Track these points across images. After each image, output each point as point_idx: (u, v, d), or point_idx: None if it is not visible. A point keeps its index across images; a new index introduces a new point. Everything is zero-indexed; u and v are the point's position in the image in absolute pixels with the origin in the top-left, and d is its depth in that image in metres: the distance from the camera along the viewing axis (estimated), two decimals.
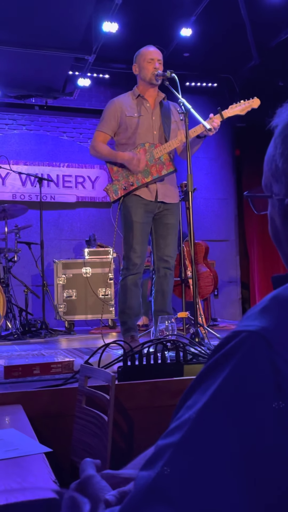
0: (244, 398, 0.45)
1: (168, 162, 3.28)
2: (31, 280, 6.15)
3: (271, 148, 0.65)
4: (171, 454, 0.46)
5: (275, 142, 0.64)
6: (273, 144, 0.65)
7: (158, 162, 3.26)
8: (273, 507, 0.43)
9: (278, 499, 0.44)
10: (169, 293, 3.40)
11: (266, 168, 0.66)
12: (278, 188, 0.63)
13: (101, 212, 6.77)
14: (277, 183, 0.63)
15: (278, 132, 0.64)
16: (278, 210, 0.64)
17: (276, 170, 0.63)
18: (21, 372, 2.17)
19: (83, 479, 0.74)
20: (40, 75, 5.79)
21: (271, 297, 0.52)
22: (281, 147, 0.62)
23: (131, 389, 1.96)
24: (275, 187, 0.64)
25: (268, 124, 0.67)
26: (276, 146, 0.64)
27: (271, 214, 0.67)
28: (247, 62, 6.33)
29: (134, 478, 0.49)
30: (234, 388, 0.46)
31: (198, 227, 6.57)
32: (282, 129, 0.63)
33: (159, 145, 3.27)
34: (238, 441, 0.44)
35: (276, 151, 0.63)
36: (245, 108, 3.27)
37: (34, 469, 1.02)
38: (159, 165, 3.26)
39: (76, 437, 1.67)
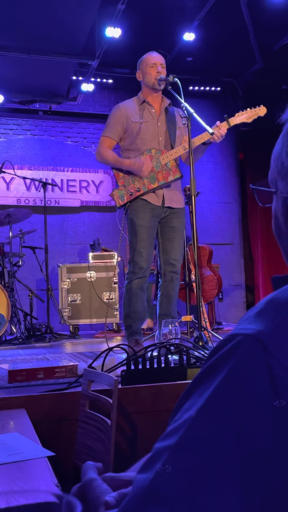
0: (240, 401, 0.46)
1: (175, 168, 3.29)
2: (35, 285, 6.17)
3: (279, 145, 0.65)
4: (168, 456, 0.46)
5: (283, 140, 0.64)
6: (281, 141, 0.65)
7: (164, 168, 3.27)
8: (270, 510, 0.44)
9: (277, 502, 0.44)
10: (174, 297, 3.40)
11: (273, 164, 0.67)
12: (283, 186, 0.63)
13: (105, 216, 6.78)
14: (282, 180, 0.63)
15: (286, 129, 0.64)
16: (282, 208, 0.64)
17: (282, 168, 0.63)
18: (25, 376, 2.18)
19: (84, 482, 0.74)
20: (43, 80, 5.83)
21: (267, 300, 0.53)
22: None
23: (135, 393, 1.96)
24: (280, 184, 0.64)
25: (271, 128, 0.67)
26: (283, 144, 0.64)
27: (275, 209, 0.67)
28: (251, 66, 6.34)
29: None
30: (230, 391, 0.46)
31: (203, 231, 6.58)
32: None
33: (166, 151, 3.28)
34: (234, 443, 0.45)
35: (283, 149, 0.63)
36: (251, 116, 3.28)
37: (36, 473, 1.02)
38: (166, 171, 3.27)
39: (79, 441, 1.67)
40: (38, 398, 1.84)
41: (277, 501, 0.44)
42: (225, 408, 0.46)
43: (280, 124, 0.66)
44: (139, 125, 3.31)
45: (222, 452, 0.44)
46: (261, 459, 0.44)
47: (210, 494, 0.43)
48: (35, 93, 6.10)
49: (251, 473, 0.44)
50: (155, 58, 3.34)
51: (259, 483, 0.44)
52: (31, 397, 1.83)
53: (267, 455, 0.44)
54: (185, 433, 0.46)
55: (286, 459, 0.44)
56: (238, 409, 0.45)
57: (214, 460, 0.44)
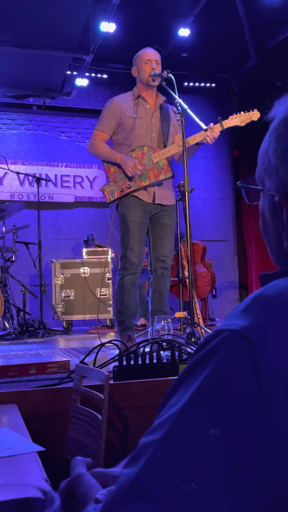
0: (225, 396, 0.46)
1: (166, 167, 3.28)
2: (29, 280, 6.16)
3: (266, 143, 0.65)
4: (153, 451, 0.46)
5: (270, 137, 0.64)
6: (268, 138, 0.65)
7: (156, 166, 3.27)
8: (256, 505, 0.44)
9: (261, 497, 0.44)
10: (166, 293, 3.41)
11: (260, 161, 0.67)
12: (269, 183, 0.63)
13: (99, 212, 6.77)
14: (269, 178, 0.63)
15: (273, 127, 0.64)
16: (269, 205, 0.65)
17: (268, 166, 0.63)
18: (17, 371, 2.17)
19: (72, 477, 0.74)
20: (38, 75, 5.80)
21: (254, 297, 0.53)
22: (275, 143, 0.62)
23: (127, 389, 1.97)
24: (267, 182, 0.64)
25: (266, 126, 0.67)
26: (270, 142, 0.64)
27: (262, 207, 0.67)
28: (245, 63, 6.34)
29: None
30: (215, 386, 0.46)
31: (196, 227, 6.59)
32: (277, 125, 0.63)
33: (158, 149, 3.28)
34: (219, 438, 0.45)
35: (270, 146, 0.63)
36: (245, 119, 3.29)
37: (26, 468, 1.02)
38: (157, 170, 3.27)
39: (71, 436, 1.67)
40: (30, 393, 1.84)
41: (262, 494, 0.44)
42: (210, 402, 0.46)
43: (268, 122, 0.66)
44: (133, 120, 3.31)
45: (207, 446, 0.45)
46: (246, 453, 0.44)
47: (195, 488, 0.44)
48: (29, 87, 6.07)
49: (236, 467, 0.44)
50: (150, 54, 3.33)
51: (245, 477, 0.44)
52: (23, 393, 1.83)
53: (252, 449, 0.44)
54: (170, 428, 0.46)
55: (270, 453, 0.44)
56: (223, 404, 0.46)
57: (199, 455, 0.45)
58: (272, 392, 0.45)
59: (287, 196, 0.60)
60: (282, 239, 0.63)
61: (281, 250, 0.64)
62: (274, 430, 0.44)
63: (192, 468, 0.44)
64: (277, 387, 0.45)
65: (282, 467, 0.44)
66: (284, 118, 0.62)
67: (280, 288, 0.53)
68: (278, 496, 0.44)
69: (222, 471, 0.44)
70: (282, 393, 0.45)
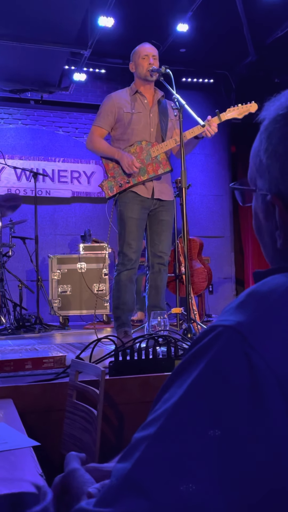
0: (218, 391, 0.46)
1: (165, 161, 3.28)
2: (25, 275, 6.15)
3: (257, 143, 0.65)
4: (146, 446, 0.46)
5: (261, 137, 0.64)
6: (259, 138, 0.65)
7: (154, 161, 3.26)
8: (249, 500, 0.44)
9: (255, 492, 0.44)
10: (162, 288, 3.41)
11: (251, 162, 0.67)
12: (261, 183, 0.64)
13: (96, 207, 6.76)
14: (261, 178, 0.64)
15: (263, 127, 0.64)
16: (261, 205, 0.65)
17: (260, 166, 0.64)
18: (13, 366, 2.17)
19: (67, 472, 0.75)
20: (35, 69, 5.78)
21: (248, 293, 0.53)
22: (266, 143, 0.62)
23: (122, 384, 1.97)
24: (259, 182, 0.64)
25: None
26: (261, 141, 0.64)
27: (255, 208, 0.67)
28: (244, 59, 6.33)
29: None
30: (209, 381, 0.47)
31: (194, 224, 6.59)
32: (267, 124, 0.63)
33: (156, 144, 3.27)
34: (212, 434, 0.45)
35: (261, 146, 0.63)
36: (242, 112, 3.28)
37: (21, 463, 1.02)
38: (156, 164, 3.27)
39: (66, 431, 1.67)
40: (25, 388, 1.84)
41: (255, 489, 0.44)
42: (203, 398, 0.46)
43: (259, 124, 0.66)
44: (131, 115, 3.30)
45: (200, 442, 0.45)
46: (239, 448, 0.44)
47: (188, 483, 0.44)
48: (26, 82, 6.05)
49: (229, 462, 0.44)
50: (147, 50, 3.32)
51: (238, 472, 0.44)
52: (18, 387, 1.83)
53: (245, 444, 0.44)
54: (163, 423, 0.47)
55: (263, 447, 0.44)
56: (217, 399, 0.46)
57: (192, 450, 0.45)
58: (266, 388, 0.45)
59: (279, 195, 0.61)
60: (276, 237, 0.63)
61: (275, 248, 0.64)
62: (267, 425, 0.45)
63: (185, 463, 0.44)
64: (271, 383, 0.45)
65: (274, 461, 0.44)
66: (274, 117, 0.62)
67: (274, 284, 0.53)
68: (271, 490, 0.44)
69: (215, 466, 0.44)
70: (276, 389, 0.45)
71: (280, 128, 0.60)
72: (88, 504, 0.47)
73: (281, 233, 0.62)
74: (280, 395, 0.45)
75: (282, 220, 0.61)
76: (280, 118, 0.61)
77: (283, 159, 0.59)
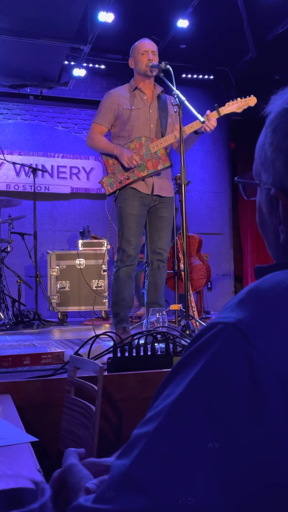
0: (218, 389, 0.46)
1: (164, 157, 3.27)
2: (24, 271, 6.15)
3: (262, 136, 0.65)
4: (145, 443, 0.46)
5: (266, 131, 0.64)
6: (264, 132, 0.65)
7: (154, 156, 3.26)
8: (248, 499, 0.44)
9: (253, 490, 0.44)
10: (161, 285, 3.41)
11: (256, 156, 0.67)
12: (266, 177, 0.63)
13: (95, 203, 6.75)
14: (266, 172, 0.63)
15: (269, 120, 0.64)
16: (265, 199, 0.64)
17: (265, 159, 0.63)
18: (11, 362, 2.17)
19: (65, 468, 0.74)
20: (35, 64, 5.76)
21: (248, 290, 0.53)
22: (271, 136, 0.62)
23: (121, 380, 1.97)
24: (263, 175, 0.64)
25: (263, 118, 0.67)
26: (266, 135, 0.64)
27: (259, 202, 0.67)
28: (244, 55, 6.31)
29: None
30: (209, 378, 0.46)
31: (193, 220, 6.59)
32: (273, 118, 0.63)
33: (156, 139, 3.27)
34: (211, 431, 0.45)
35: (266, 140, 0.63)
36: (241, 105, 3.27)
37: (19, 458, 1.02)
38: (155, 160, 3.26)
39: (64, 427, 1.67)
40: (24, 384, 1.83)
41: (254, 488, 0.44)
42: (203, 395, 0.46)
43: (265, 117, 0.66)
44: (130, 112, 3.29)
45: (199, 439, 0.45)
46: (238, 446, 0.44)
47: (187, 480, 0.44)
48: (26, 77, 6.03)
49: (227, 460, 0.44)
50: (146, 46, 3.31)
51: (236, 469, 0.44)
52: (17, 383, 1.82)
53: (244, 443, 0.44)
54: (163, 420, 0.46)
55: (261, 445, 0.44)
56: (216, 397, 0.46)
57: (191, 447, 0.45)
58: (266, 386, 0.45)
59: (283, 189, 0.60)
60: (279, 232, 0.63)
61: (278, 243, 0.64)
62: (266, 424, 0.44)
63: (183, 460, 0.44)
64: (271, 381, 0.45)
65: (272, 459, 0.44)
66: (280, 111, 0.62)
67: (275, 281, 0.52)
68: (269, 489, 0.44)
69: (214, 463, 0.44)
70: (276, 387, 0.45)
71: (286, 122, 0.60)
72: (87, 500, 0.47)
73: (285, 227, 0.61)
74: (281, 393, 0.45)
75: (285, 214, 0.61)
76: (286, 112, 0.61)
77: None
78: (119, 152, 3.23)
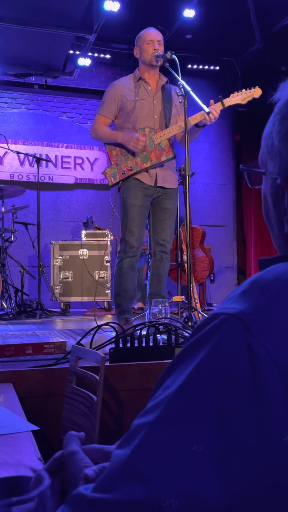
0: (219, 379, 0.45)
1: (168, 148, 3.26)
2: (27, 261, 6.16)
3: (270, 124, 0.64)
4: (146, 432, 0.46)
5: (274, 119, 0.63)
6: (272, 120, 0.63)
7: (157, 147, 3.24)
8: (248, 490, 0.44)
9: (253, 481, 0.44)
10: (164, 276, 3.41)
11: (263, 144, 0.66)
12: (272, 166, 0.62)
13: (99, 194, 6.74)
14: (272, 161, 0.62)
15: (278, 108, 0.63)
16: (271, 188, 0.64)
17: (272, 148, 0.62)
18: (14, 351, 2.18)
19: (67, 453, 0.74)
20: (40, 53, 5.72)
21: (251, 281, 0.52)
22: (279, 125, 0.61)
23: (122, 371, 1.98)
24: (269, 164, 0.63)
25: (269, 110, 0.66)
26: (274, 123, 0.62)
27: (264, 191, 0.66)
28: (250, 46, 6.25)
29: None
30: (210, 369, 0.46)
31: (196, 212, 6.57)
32: (282, 106, 0.62)
33: (159, 130, 3.25)
34: (212, 422, 0.45)
35: (274, 128, 0.62)
36: (246, 97, 3.25)
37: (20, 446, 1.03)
38: (159, 151, 3.24)
39: (65, 417, 1.68)
40: (26, 373, 1.84)
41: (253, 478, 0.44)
42: (204, 386, 0.46)
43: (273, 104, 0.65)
44: (134, 103, 3.27)
45: (200, 429, 0.45)
46: (239, 436, 0.44)
47: (187, 471, 0.44)
48: (31, 66, 5.99)
49: (229, 450, 0.44)
50: (152, 35, 3.28)
51: (236, 460, 0.44)
52: (19, 372, 1.83)
53: (245, 433, 0.44)
54: (163, 410, 0.46)
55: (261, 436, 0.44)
56: (217, 387, 0.45)
57: (191, 438, 0.44)
58: (267, 377, 0.45)
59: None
60: (283, 223, 0.62)
61: (282, 234, 0.63)
62: (266, 415, 0.44)
63: (184, 450, 0.44)
64: (272, 372, 0.45)
65: (273, 450, 0.44)
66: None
67: (279, 273, 0.52)
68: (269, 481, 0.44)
69: (214, 453, 0.44)
70: (277, 378, 0.45)
71: None
72: (86, 489, 0.47)
73: None
74: (282, 384, 0.44)
75: None
76: None
77: None
78: (123, 138, 3.21)
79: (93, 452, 0.74)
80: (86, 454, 0.72)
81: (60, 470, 0.70)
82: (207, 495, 0.43)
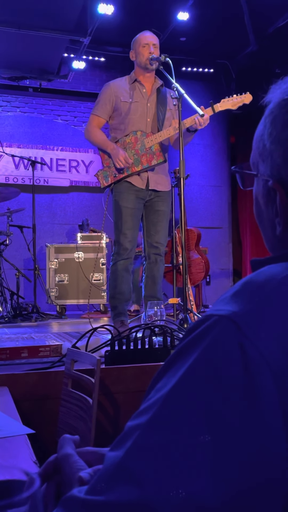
0: (211, 381, 0.46)
1: (159, 152, 3.26)
2: (23, 264, 6.15)
3: (261, 126, 0.64)
4: (138, 435, 0.46)
5: (265, 121, 0.63)
6: (263, 122, 0.64)
7: (148, 151, 3.25)
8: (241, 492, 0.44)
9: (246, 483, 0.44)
10: (159, 278, 3.41)
11: (254, 146, 0.66)
12: (264, 168, 0.63)
13: (94, 197, 6.74)
14: (263, 163, 0.63)
15: (269, 110, 0.63)
16: (262, 190, 0.64)
17: (263, 150, 0.62)
18: (9, 354, 2.18)
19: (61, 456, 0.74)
20: (34, 56, 5.72)
21: (243, 282, 0.52)
22: (270, 127, 0.61)
23: (118, 373, 1.98)
24: (261, 166, 0.63)
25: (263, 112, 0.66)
26: (265, 125, 0.63)
27: (256, 193, 0.67)
28: (244, 48, 6.28)
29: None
30: (203, 370, 0.46)
31: (192, 214, 6.58)
32: (272, 108, 0.62)
33: (151, 134, 3.25)
34: (205, 423, 0.45)
35: (265, 130, 0.62)
36: (236, 103, 3.25)
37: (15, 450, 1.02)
38: (150, 155, 3.25)
39: (61, 420, 1.68)
40: (21, 376, 1.84)
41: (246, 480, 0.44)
42: (196, 387, 0.46)
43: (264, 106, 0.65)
44: (129, 105, 3.28)
45: (193, 431, 0.45)
46: (231, 438, 0.44)
47: (179, 473, 0.44)
48: (25, 69, 5.99)
49: (221, 452, 0.44)
50: (148, 38, 3.29)
51: (229, 462, 0.44)
52: (14, 375, 1.83)
53: (237, 435, 0.44)
54: (156, 412, 0.46)
55: (254, 436, 0.44)
56: (210, 389, 0.45)
57: (184, 439, 0.45)
58: (259, 378, 0.45)
59: (280, 181, 0.60)
60: (275, 224, 0.62)
61: (274, 236, 0.63)
62: (259, 415, 0.44)
63: (177, 452, 0.44)
64: (265, 373, 0.45)
65: (265, 451, 0.44)
66: (279, 101, 0.61)
67: (270, 274, 0.52)
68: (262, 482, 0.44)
69: (207, 455, 0.44)
70: (269, 379, 0.45)
71: (285, 113, 0.59)
72: (80, 492, 0.47)
73: (281, 220, 0.61)
74: (274, 385, 0.45)
75: (282, 207, 0.60)
76: (285, 103, 0.60)
77: (287, 145, 0.58)
78: (112, 150, 3.22)
79: (88, 455, 0.74)
80: (81, 457, 0.72)
81: (55, 473, 0.70)
82: (200, 496, 0.43)
